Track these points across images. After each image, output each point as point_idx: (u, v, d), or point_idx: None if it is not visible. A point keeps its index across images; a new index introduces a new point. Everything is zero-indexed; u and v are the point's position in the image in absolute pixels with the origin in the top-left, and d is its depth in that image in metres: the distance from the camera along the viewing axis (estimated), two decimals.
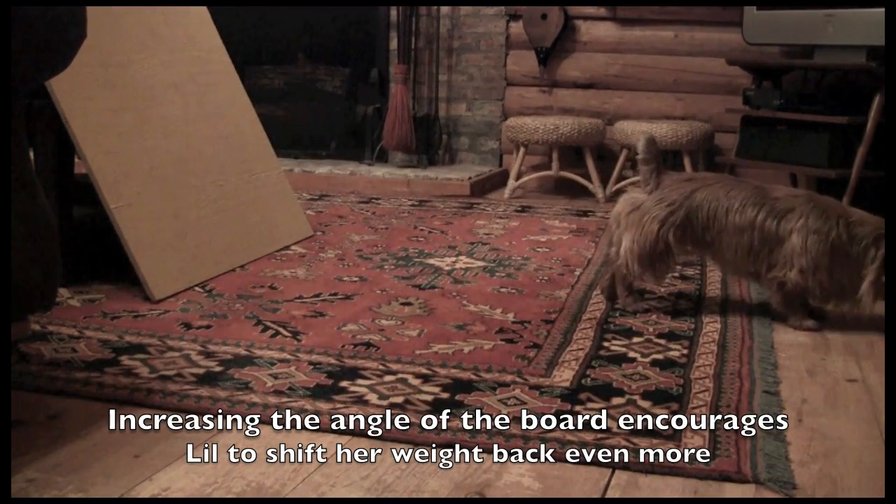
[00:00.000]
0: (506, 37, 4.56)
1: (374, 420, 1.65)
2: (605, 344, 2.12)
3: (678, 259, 2.39)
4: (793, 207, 2.28)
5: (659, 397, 1.79)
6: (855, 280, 2.24)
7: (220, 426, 1.64)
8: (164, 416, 1.67)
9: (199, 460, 1.51)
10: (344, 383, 1.83)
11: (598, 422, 1.67)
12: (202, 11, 3.08)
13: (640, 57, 4.39)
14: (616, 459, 1.52)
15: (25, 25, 1.43)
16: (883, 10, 3.36)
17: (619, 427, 1.64)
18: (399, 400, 1.75)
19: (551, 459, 1.53)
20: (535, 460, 1.53)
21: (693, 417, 1.69)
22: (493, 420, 1.66)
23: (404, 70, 4.52)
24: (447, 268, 2.82)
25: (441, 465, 1.51)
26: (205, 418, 1.67)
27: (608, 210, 3.89)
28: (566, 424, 1.65)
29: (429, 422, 1.65)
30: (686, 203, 2.30)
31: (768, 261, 2.29)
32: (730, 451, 1.56)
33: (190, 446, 1.55)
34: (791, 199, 2.30)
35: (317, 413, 1.68)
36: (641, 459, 1.52)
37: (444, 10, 4.61)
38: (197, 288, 2.52)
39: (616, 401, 1.77)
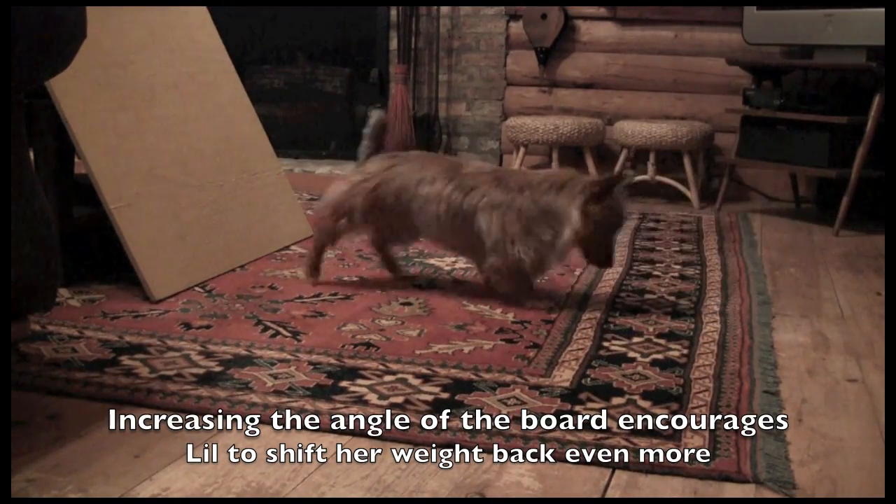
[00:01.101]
0: (506, 37, 4.57)
1: (374, 420, 1.65)
2: (605, 344, 2.12)
3: (360, 224, 2.52)
4: (477, 185, 2.36)
5: (659, 397, 1.79)
6: (556, 235, 2.31)
7: (220, 426, 1.64)
8: (164, 416, 1.67)
9: (199, 460, 1.51)
10: (344, 383, 1.83)
11: (598, 422, 1.67)
12: (202, 11, 3.08)
13: (640, 57, 4.39)
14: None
15: (25, 25, 1.43)
16: (883, 10, 3.36)
17: (619, 427, 1.64)
18: (399, 400, 1.75)
19: (551, 459, 1.53)
20: (535, 460, 1.53)
21: (693, 417, 1.69)
22: (493, 420, 1.66)
23: (404, 70, 4.52)
24: (447, 267, 2.81)
25: (441, 465, 1.51)
26: (205, 418, 1.67)
27: None
28: (566, 424, 1.65)
29: (429, 422, 1.65)
30: (382, 174, 2.47)
31: (464, 238, 2.39)
32: (730, 451, 1.56)
33: (190, 446, 1.55)
34: (477, 176, 2.39)
35: (317, 413, 1.68)
36: (641, 459, 1.52)
37: (444, 10, 4.61)
38: (197, 288, 2.52)
39: (616, 401, 1.77)
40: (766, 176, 4.26)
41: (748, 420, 1.69)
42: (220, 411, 1.69)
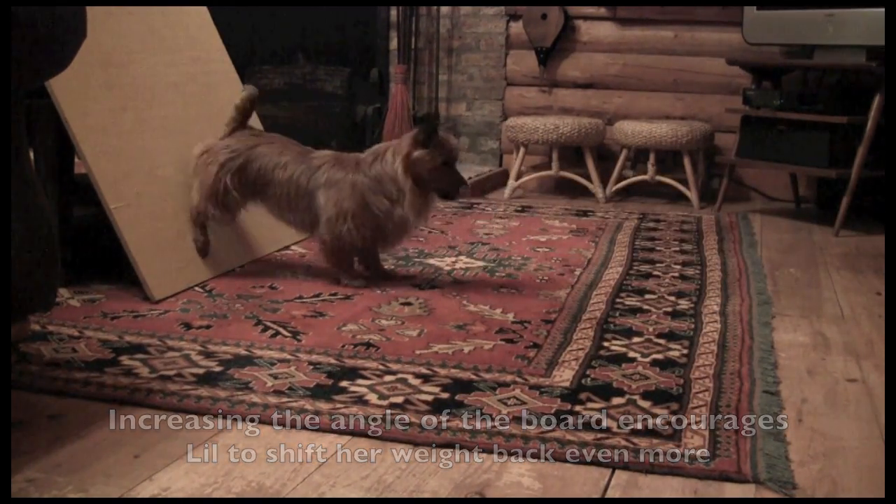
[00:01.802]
0: (506, 37, 4.56)
1: (374, 420, 1.65)
2: (605, 344, 2.12)
3: (240, 202, 2.63)
4: (320, 165, 2.54)
5: (659, 397, 1.79)
6: (393, 204, 2.47)
7: (220, 426, 1.64)
8: (164, 416, 1.67)
9: (199, 460, 1.51)
10: (344, 383, 1.83)
11: (598, 422, 1.67)
12: (202, 11, 3.08)
13: (640, 57, 4.39)
14: (616, 459, 1.52)
15: (25, 25, 1.43)
16: (883, 10, 3.36)
17: (619, 427, 1.64)
18: (399, 400, 1.75)
19: (551, 459, 1.53)
20: (535, 460, 1.53)
21: (693, 417, 1.69)
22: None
23: (404, 70, 4.52)
24: (447, 267, 2.82)
25: (441, 465, 1.51)
26: (205, 418, 1.67)
27: (608, 210, 3.90)
28: (566, 424, 1.65)
29: (429, 422, 1.65)
30: (246, 153, 2.59)
31: (308, 216, 2.54)
32: (730, 451, 1.56)
33: (190, 446, 1.55)
34: (320, 158, 2.56)
35: (317, 413, 1.68)
36: (641, 459, 1.52)
37: (444, 10, 4.61)
38: (197, 288, 2.52)
39: (616, 401, 1.77)
40: (766, 176, 4.26)
41: (748, 420, 1.69)
42: (220, 411, 1.69)
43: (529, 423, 1.65)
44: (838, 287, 2.73)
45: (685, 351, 2.07)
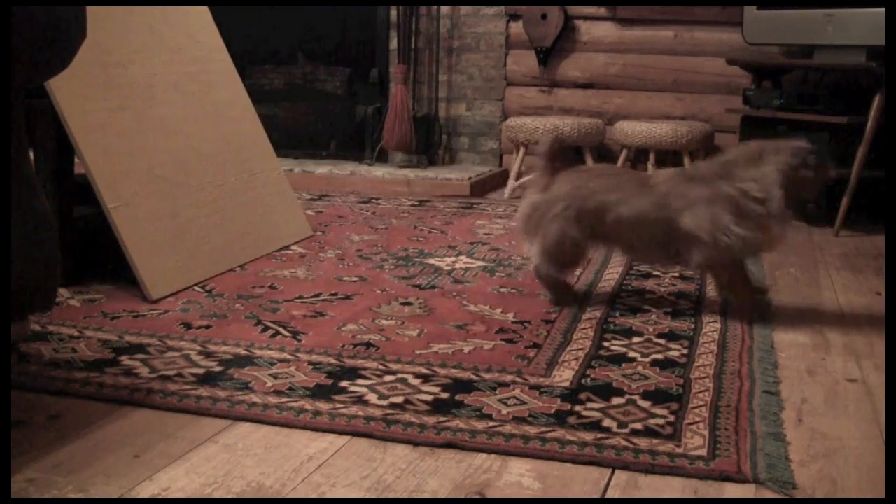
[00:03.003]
0: (506, 37, 4.57)
1: (374, 420, 1.65)
2: (605, 344, 2.12)
3: (589, 250, 2.41)
4: (668, 190, 2.29)
5: (659, 397, 1.79)
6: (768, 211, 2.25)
7: (219, 426, 1.64)
8: (164, 416, 1.67)
9: (199, 460, 1.51)
10: (344, 383, 1.83)
11: (598, 422, 1.67)
12: (203, 11, 3.08)
13: (640, 57, 4.39)
14: (616, 459, 1.52)
15: (25, 25, 1.43)
16: (883, 10, 3.36)
17: (619, 427, 1.64)
18: (399, 400, 1.75)
19: (551, 459, 1.53)
20: (535, 460, 1.53)
21: (693, 417, 1.69)
22: (493, 420, 1.66)
23: (404, 70, 4.52)
24: (447, 268, 2.81)
25: (441, 465, 1.51)
26: (205, 418, 1.67)
27: None
28: (566, 424, 1.65)
29: (429, 421, 1.65)
30: (579, 195, 2.33)
31: (670, 247, 2.31)
32: (730, 451, 1.56)
33: (190, 446, 1.55)
34: (664, 183, 2.32)
35: (317, 413, 1.68)
36: (641, 459, 1.52)
37: (444, 10, 4.61)
38: (197, 288, 2.52)
39: (616, 401, 1.77)
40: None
41: (748, 420, 1.69)
42: (220, 411, 1.69)
43: (529, 423, 1.65)
44: (838, 287, 2.73)
45: (685, 351, 2.07)
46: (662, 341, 2.14)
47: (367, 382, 1.84)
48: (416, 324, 2.24)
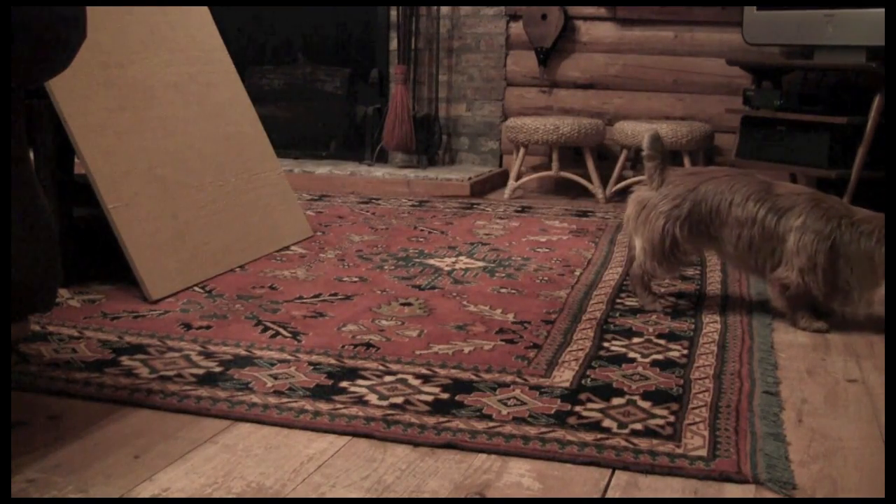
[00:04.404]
0: (506, 37, 4.56)
1: (374, 420, 1.65)
2: (605, 344, 2.12)
3: (690, 253, 2.40)
4: (794, 205, 2.27)
5: (659, 397, 1.79)
6: (859, 280, 2.22)
7: (220, 426, 1.64)
8: (164, 417, 1.67)
9: (199, 460, 1.51)
10: (344, 383, 1.83)
11: (598, 422, 1.67)
12: (203, 11, 3.08)
13: (640, 57, 4.39)
14: (616, 459, 1.52)
15: (25, 25, 1.43)
16: (883, 10, 3.36)
17: (619, 427, 1.64)
18: (399, 400, 1.75)
19: (551, 459, 1.53)
20: (535, 460, 1.53)
21: (693, 418, 1.69)
22: (493, 420, 1.66)
23: (404, 70, 4.52)
24: (447, 268, 2.81)
25: (441, 465, 1.51)
26: (205, 419, 1.67)
27: (608, 210, 3.90)
28: (566, 425, 1.65)
29: (429, 422, 1.65)
30: (690, 196, 2.33)
31: (771, 259, 2.29)
32: (730, 451, 1.56)
33: (190, 446, 1.55)
34: (793, 197, 2.29)
35: (317, 413, 1.68)
36: (641, 459, 1.52)
37: (444, 10, 4.61)
38: (197, 288, 2.52)
39: (616, 401, 1.77)
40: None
41: (748, 420, 1.69)
42: (220, 412, 1.69)
43: (529, 423, 1.65)
44: None
45: (685, 351, 2.07)
46: (662, 342, 2.14)
47: (368, 383, 1.84)
48: (416, 324, 2.24)
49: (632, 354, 2.05)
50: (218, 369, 1.90)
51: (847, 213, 2.27)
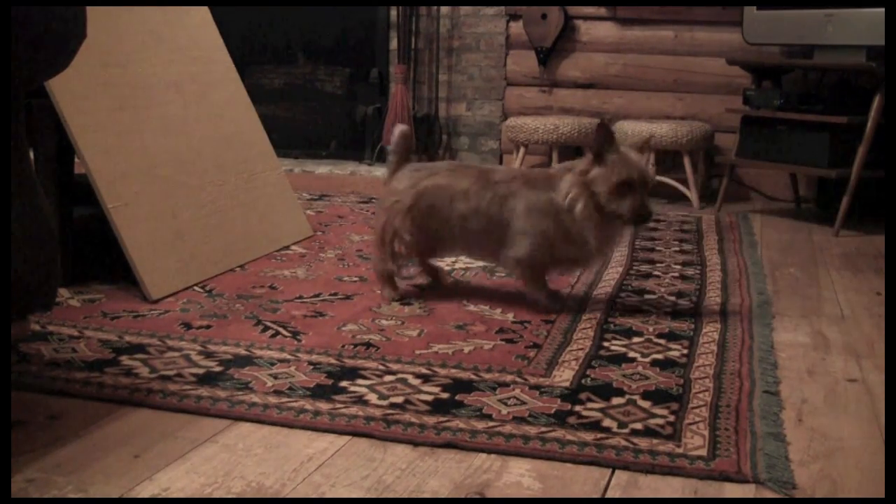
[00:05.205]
0: (506, 37, 4.57)
1: (374, 420, 1.65)
2: (605, 344, 2.12)
3: (417, 246, 2.44)
4: (511, 190, 2.34)
5: (659, 397, 1.79)
6: (578, 234, 2.29)
7: (219, 426, 1.64)
8: (164, 416, 1.67)
9: (199, 460, 1.51)
10: (344, 383, 1.83)
11: (598, 421, 1.67)
12: (203, 11, 3.08)
13: (640, 57, 4.39)
14: (616, 459, 1.52)
15: (25, 25, 1.43)
16: (883, 10, 3.36)
17: (619, 427, 1.64)
18: (399, 400, 1.75)
19: (551, 459, 1.53)
20: (535, 460, 1.53)
21: (693, 417, 1.69)
22: (493, 420, 1.66)
23: (404, 70, 4.52)
24: (447, 267, 2.81)
25: (441, 465, 1.51)
26: (204, 418, 1.67)
27: None
28: (566, 424, 1.65)
29: (429, 421, 1.65)
30: (412, 191, 2.40)
31: (502, 245, 2.36)
32: (730, 451, 1.56)
33: (190, 446, 1.55)
34: (506, 183, 2.35)
35: (317, 413, 1.68)
36: (641, 459, 1.52)
37: (444, 10, 4.62)
38: (197, 288, 2.52)
39: (616, 401, 1.77)
40: (766, 176, 4.26)
41: (748, 420, 1.69)
42: (220, 411, 1.69)
43: (529, 423, 1.65)
44: (838, 287, 2.73)
45: (685, 351, 2.07)
46: (662, 341, 2.14)
47: (367, 382, 1.84)
48: (416, 324, 2.24)
49: (632, 354, 2.05)
50: (218, 369, 1.90)
51: (552, 175, 2.35)
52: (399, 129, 2.50)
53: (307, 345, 2.06)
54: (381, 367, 1.93)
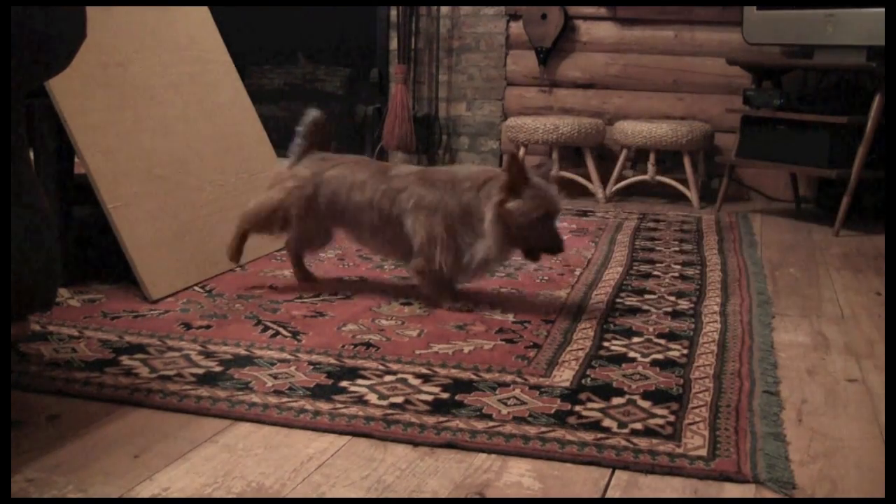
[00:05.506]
0: (506, 37, 4.57)
1: (374, 420, 1.65)
2: (605, 344, 2.12)
3: (307, 233, 2.50)
4: (405, 186, 2.33)
5: (659, 397, 1.79)
6: (476, 237, 2.27)
7: (219, 426, 1.64)
8: (164, 416, 1.67)
9: (199, 460, 1.51)
10: (344, 383, 1.83)
11: (598, 421, 1.67)
12: (203, 11, 3.08)
13: (640, 57, 4.39)
14: (616, 459, 1.52)
15: (25, 25, 1.43)
16: (883, 10, 3.36)
17: (618, 427, 1.64)
18: (399, 400, 1.75)
19: (551, 459, 1.53)
20: (535, 460, 1.53)
21: (693, 417, 1.69)
22: (493, 420, 1.66)
23: (404, 70, 4.52)
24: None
25: (441, 465, 1.51)
26: (204, 418, 1.67)
27: (608, 210, 3.90)
28: (566, 424, 1.65)
29: (429, 421, 1.65)
30: (315, 179, 2.43)
31: (399, 243, 2.36)
32: (730, 451, 1.56)
33: (190, 446, 1.55)
34: (404, 178, 2.36)
35: (317, 413, 1.68)
36: (641, 459, 1.52)
37: (444, 10, 4.62)
38: (197, 288, 2.52)
39: (616, 401, 1.77)
40: (766, 176, 4.26)
41: (748, 420, 1.68)
42: (220, 411, 1.69)
43: (529, 423, 1.65)
44: (838, 287, 2.73)
45: (685, 351, 2.07)
46: (662, 341, 2.14)
47: (367, 382, 1.84)
48: (416, 324, 2.24)
49: (632, 354, 2.05)
50: (218, 369, 1.90)
51: (450, 178, 2.32)
52: (311, 113, 2.53)
53: (307, 345, 2.06)
54: (381, 367, 1.93)
